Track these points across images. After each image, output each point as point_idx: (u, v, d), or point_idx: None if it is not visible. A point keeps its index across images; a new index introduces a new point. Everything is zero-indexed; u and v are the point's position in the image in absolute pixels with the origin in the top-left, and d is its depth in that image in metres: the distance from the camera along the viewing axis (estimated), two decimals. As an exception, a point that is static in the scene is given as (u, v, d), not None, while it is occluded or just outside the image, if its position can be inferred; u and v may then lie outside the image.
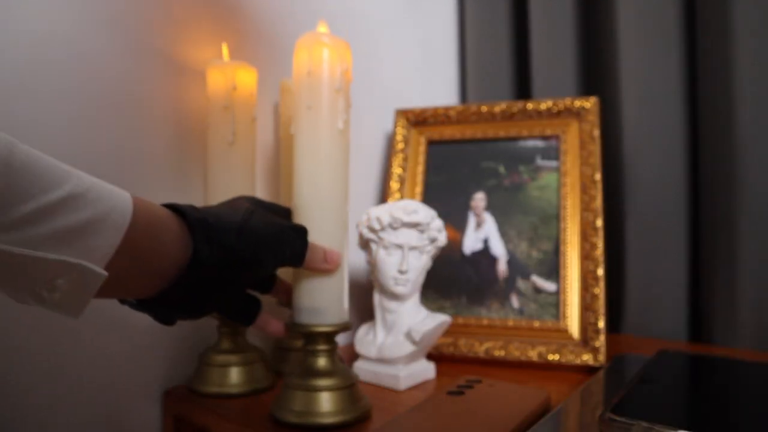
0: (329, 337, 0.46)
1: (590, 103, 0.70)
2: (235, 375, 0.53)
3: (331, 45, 0.46)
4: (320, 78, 0.45)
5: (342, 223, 0.47)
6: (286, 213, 0.48)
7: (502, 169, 0.72)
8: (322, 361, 0.46)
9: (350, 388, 0.46)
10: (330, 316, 0.46)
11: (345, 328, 0.47)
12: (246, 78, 0.56)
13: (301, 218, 0.46)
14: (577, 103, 0.70)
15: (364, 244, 0.59)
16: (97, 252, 0.29)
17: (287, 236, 0.42)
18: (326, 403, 0.44)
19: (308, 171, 0.46)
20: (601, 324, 0.61)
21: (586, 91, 0.86)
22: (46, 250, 0.26)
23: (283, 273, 0.49)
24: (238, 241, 0.38)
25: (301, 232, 0.43)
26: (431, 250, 0.58)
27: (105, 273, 0.29)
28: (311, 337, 0.46)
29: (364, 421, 0.46)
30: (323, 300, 0.46)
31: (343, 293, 0.47)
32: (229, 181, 0.55)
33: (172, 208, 0.36)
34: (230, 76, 0.55)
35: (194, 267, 0.35)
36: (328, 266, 0.45)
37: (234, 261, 0.38)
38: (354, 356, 0.60)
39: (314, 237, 0.44)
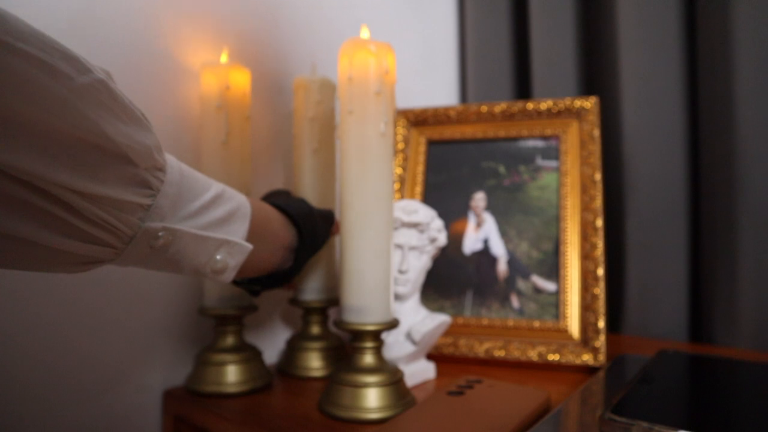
0: (376, 334, 0.48)
1: (590, 103, 0.70)
2: (231, 374, 0.53)
3: (370, 49, 0.47)
4: (360, 83, 0.47)
5: (388, 222, 0.48)
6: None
7: (502, 169, 0.72)
8: (369, 358, 0.48)
9: (396, 384, 0.48)
10: (376, 315, 0.47)
11: (391, 326, 0.48)
12: (239, 78, 0.56)
13: (348, 217, 0.48)
14: (577, 103, 0.70)
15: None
16: (238, 234, 0.39)
17: (330, 217, 0.56)
18: (373, 398, 0.46)
19: (354, 173, 0.47)
20: (601, 324, 0.61)
21: (586, 91, 0.86)
22: (209, 233, 0.36)
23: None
24: (318, 225, 0.51)
25: (332, 213, 0.57)
26: (431, 250, 0.58)
27: (250, 245, 0.39)
28: (358, 335, 0.48)
29: None
30: (369, 299, 0.47)
31: (388, 292, 0.48)
32: (224, 179, 0.55)
33: (273, 204, 0.48)
34: (223, 77, 0.55)
35: (301, 249, 0.48)
36: (336, 231, 0.57)
37: (315, 241, 0.51)
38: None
39: (362, 236, 0.47)
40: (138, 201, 0.31)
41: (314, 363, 0.59)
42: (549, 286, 0.66)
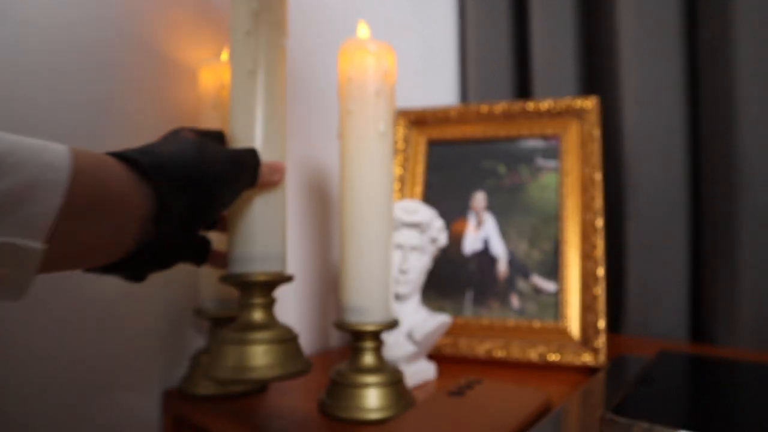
0: (375, 335, 0.48)
1: (590, 103, 0.70)
2: None
3: (370, 49, 0.47)
4: (360, 83, 0.47)
5: (387, 222, 0.48)
6: (221, 136, 0.43)
7: (502, 169, 0.72)
8: (369, 358, 0.48)
9: (396, 384, 0.48)
10: (376, 315, 0.47)
11: (391, 326, 0.48)
12: None
13: (348, 218, 0.47)
14: (577, 103, 0.70)
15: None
16: (35, 222, 0.24)
17: (243, 160, 0.39)
18: (373, 398, 0.46)
19: (354, 173, 0.47)
20: (602, 324, 0.61)
21: (586, 91, 0.86)
22: None
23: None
24: (199, 178, 0.34)
25: (252, 153, 0.40)
26: (432, 250, 0.58)
27: (41, 246, 0.25)
28: (358, 335, 0.48)
29: None
30: (369, 299, 0.47)
31: (388, 292, 0.48)
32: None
33: (118, 156, 0.31)
34: (220, 75, 0.54)
35: (162, 216, 0.32)
36: (277, 177, 0.41)
37: (200, 200, 0.34)
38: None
39: (362, 236, 0.47)
40: None
41: (257, 361, 0.39)
42: (549, 286, 0.66)
